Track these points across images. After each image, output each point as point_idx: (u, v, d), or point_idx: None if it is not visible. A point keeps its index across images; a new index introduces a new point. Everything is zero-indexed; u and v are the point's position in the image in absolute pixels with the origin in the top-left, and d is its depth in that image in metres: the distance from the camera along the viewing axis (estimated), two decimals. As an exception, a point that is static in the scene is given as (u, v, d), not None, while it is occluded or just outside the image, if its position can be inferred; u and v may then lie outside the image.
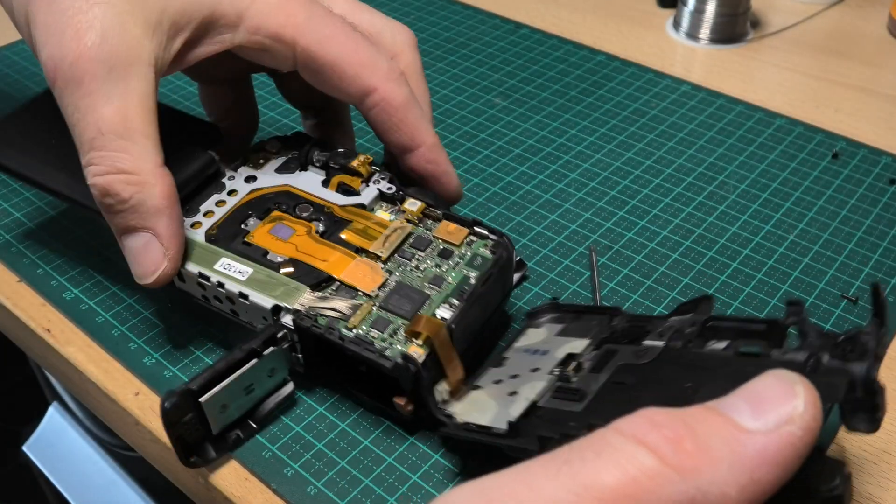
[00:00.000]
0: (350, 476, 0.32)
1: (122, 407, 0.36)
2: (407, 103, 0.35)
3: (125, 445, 0.62)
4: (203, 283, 0.34)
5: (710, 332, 0.30)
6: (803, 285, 0.40)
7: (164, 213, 0.32)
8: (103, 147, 0.31)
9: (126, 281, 0.40)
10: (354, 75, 0.34)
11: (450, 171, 0.37)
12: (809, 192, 0.46)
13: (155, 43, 0.32)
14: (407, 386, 0.31)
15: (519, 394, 0.31)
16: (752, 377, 0.24)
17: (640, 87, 0.55)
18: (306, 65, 0.34)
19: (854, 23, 0.62)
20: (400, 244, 0.34)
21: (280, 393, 0.34)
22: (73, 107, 0.31)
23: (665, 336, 0.31)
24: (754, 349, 0.29)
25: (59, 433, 0.67)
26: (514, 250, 0.35)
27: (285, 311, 0.32)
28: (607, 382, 0.30)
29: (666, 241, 0.43)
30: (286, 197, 0.37)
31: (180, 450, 0.31)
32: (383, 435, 0.34)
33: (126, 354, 0.37)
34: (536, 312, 0.36)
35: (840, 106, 0.53)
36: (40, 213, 0.44)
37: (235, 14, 0.33)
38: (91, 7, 0.31)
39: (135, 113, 0.31)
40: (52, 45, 0.31)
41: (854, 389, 0.25)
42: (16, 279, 0.41)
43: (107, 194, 0.31)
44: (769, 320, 0.29)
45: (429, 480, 0.32)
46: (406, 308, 0.32)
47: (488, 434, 0.29)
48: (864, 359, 0.26)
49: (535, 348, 0.33)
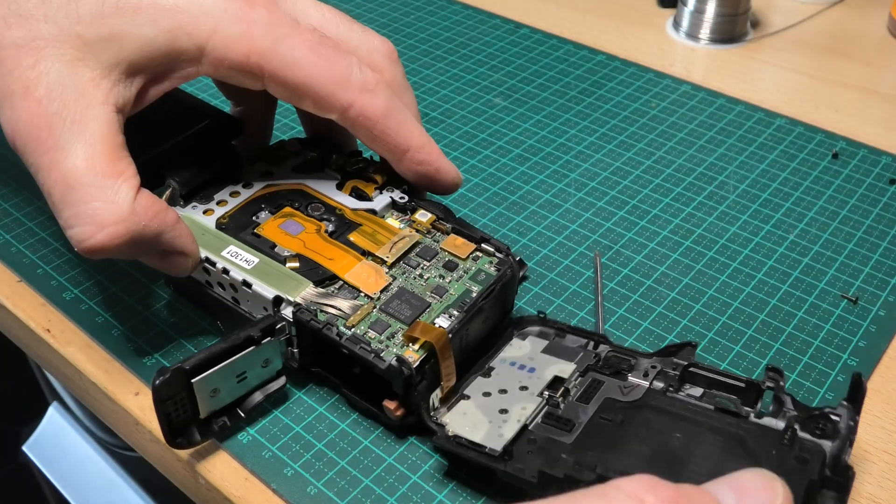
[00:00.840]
0: (350, 476, 0.32)
1: (122, 407, 0.36)
2: (386, 112, 0.34)
3: (125, 445, 0.62)
4: (208, 269, 0.34)
5: (689, 377, 0.33)
6: (803, 285, 0.40)
7: (164, 232, 0.32)
8: (76, 203, 0.30)
9: (126, 281, 0.40)
10: (328, 94, 0.33)
11: (443, 165, 0.36)
12: (809, 192, 0.46)
13: (112, 81, 0.31)
14: (399, 389, 0.31)
15: (510, 413, 0.31)
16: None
17: (640, 87, 0.55)
18: (276, 89, 0.34)
19: (854, 23, 0.62)
20: (406, 252, 0.35)
21: (271, 385, 0.34)
22: (37, 166, 0.30)
23: (649, 377, 0.33)
24: (730, 405, 0.31)
25: (59, 433, 0.67)
26: (520, 270, 0.35)
27: (286, 304, 0.33)
28: (594, 416, 0.31)
29: (666, 241, 0.43)
30: (299, 195, 0.37)
31: (167, 429, 0.31)
32: (383, 435, 0.34)
33: (126, 354, 0.37)
34: (522, 322, 0.36)
35: (840, 106, 0.53)
36: (40, 213, 0.44)
37: (196, 48, 0.32)
38: (37, 62, 0.30)
39: (100, 157, 0.30)
40: (5, 108, 0.30)
41: (826, 468, 0.27)
42: (16, 279, 0.41)
43: (99, 251, 0.30)
44: (748, 380, 0.31)
45: (429, 480, 0.32)
46: (406, 313, 0.32)
47: (481, 453, 0.30)
48: (835, 438, 0.29)
49: (522, 363, 0.34)
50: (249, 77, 0.33)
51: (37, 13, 0.30)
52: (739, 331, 0.38)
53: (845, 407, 0.29)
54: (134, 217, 0.30)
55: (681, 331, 0.38)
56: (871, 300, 0.39)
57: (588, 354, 0.34)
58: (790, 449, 0.29)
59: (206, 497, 0.34)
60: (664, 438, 0.30)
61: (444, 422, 0.31)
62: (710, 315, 0.39)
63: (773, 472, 0.24)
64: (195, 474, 0.33)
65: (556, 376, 0.33)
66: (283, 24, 0.33)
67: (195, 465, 0.33)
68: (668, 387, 0.32)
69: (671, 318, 0.38)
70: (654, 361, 0.33)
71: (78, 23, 0.31)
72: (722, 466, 0.28)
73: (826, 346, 0.37)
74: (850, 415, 0.29)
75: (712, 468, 0.28)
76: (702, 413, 0.31)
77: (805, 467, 0.28)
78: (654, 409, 0.31)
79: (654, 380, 0.33)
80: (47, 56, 0.30)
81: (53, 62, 0.30)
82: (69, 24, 0.30)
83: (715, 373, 0.32)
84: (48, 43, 0.30)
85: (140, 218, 0.31)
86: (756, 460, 0.28)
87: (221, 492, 0.32)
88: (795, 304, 0.39)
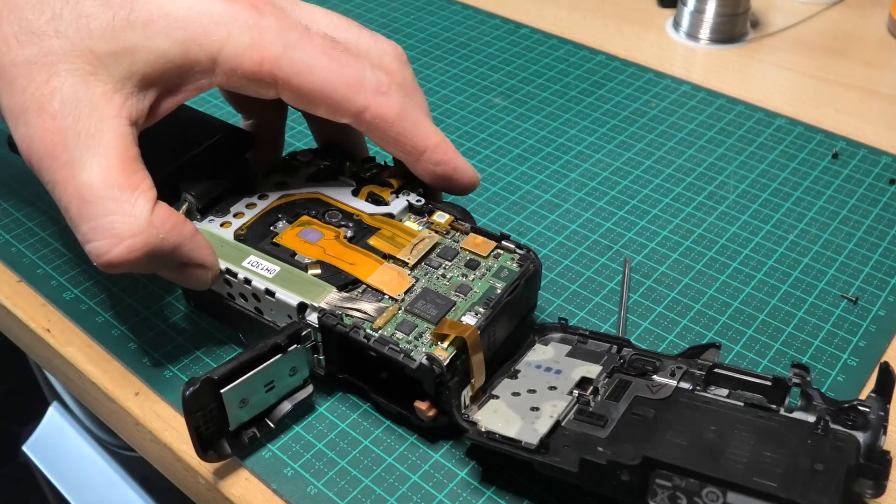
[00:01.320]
0: (350, 476, 0.32)
1: (122, 407, 0.36)
2: (401, 113, 0.34)
3: (125, 445, 0.62)
4: (229, 280, 0.34)
5: (714, 378, 0.33)
6: (803, 285, 0.40)
7: (183, 244, 0.32)
8: (93, 217, 0.30)
9: (126, 281, 0.40)
10: (343, 98, 0.33)
11: (460, 164, 0.36)
12: (809, 192, 0.46)
13: (125, 95, 0.31)
14: (430, 388, 0.31)
15: (541, 411, 0.31)
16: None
17: (640, 87, 0.55)
18: (290, 97, 0.33)
19: (854, 23, 0.62)
20: (427, 253, 0.35)
21: (299, 394, 0.33)
22: (53, 182, 0.30)
23: (676, 376, 0.33)
24: (760, 401, 0.31)
25: (59, 433, 0.67)
26: (541, 266, 0.35)
27: (311, 310, 0.32)
28: (627, 412, 0.31)
29: (666, 241, 0.43)
30: (316, 203, 0.37)
31: (197, 442, 0.31)
32: (383, 435, 0.34)
33: (126, 354, 0.37)
34: (543, 329, 0.36)
35: (840, 106, 0.53)
36: (40, 213, 0.44)
37: (208, 58, 0.32)
38: (50, 78, 0.30)
39: (115, 170, 0.30)
40: (20, 126, 0.30)
41: (862, 456, 0.28)
42: (16, 279, 0.41)
43: (118, 265, 0.30)
44: (774, 378, 0.31)
45: (429, 480, 0.32)
46: (432, 312, 0.32)
47: (517, 447, 0.30)
48: (866, 429, 0.29)
49: (548, 366, 0.34)
50: (263, 86, 0.33)
51: (48, 30, 0.30)
52: (739, 331, 0.38)
53: (874, 398, 0.29)
54: (152, 229, 0.30)
55: (681, 331, 0.38)
56: (871, 300, 0.39)
57: (612, 357, 0.34)
58: (825, 438, 0.29)
59: (206, 497, 0.34)
60: (698, 430, 0.29)
61: (475, 419, 0.31)
62: (710, 315, 0.39)
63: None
64: (195, 474, 0.33)
65: (584, 377, 0.33)
66: (293, 30, 0.33)
67: (195, 466, 0.33)
68: (695, 387, 0.32)
69: (671, 317, 0.38)
70: (679, 363, 0.33)
71: (90, 38, 0.30)
72: (759, 454, 0.28)
73: (826, 346, 0.37)
74: (881, 405, 0.29)
75: (749, 457, 0.28)
76: (733, 408, 0.31)
77: (842, 455, 0.28)
78: (685, 405, 0.31)
79: (680, 380, 0.32)
80: (60, 71, 0.30)
81: (66, 77, 0.30)
82: (80, 40, 0.30)
83: (740, 372, 0.32)
84: (60, 59, 0.30)
85: (158, 230, 0.31)
86: (791, 449, 0.28)
87: (221, 492, 0.32)
88: (795, 304, 0.39)
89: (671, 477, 0.27)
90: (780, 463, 0.27)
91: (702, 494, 0.27)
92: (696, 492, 0.27)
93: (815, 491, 0.26)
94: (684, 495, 0.27)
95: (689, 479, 0.27)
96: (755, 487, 0.26)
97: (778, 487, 0.26)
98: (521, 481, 0.32)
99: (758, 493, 0.26)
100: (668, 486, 0.27)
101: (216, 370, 0.30)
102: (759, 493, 0.26)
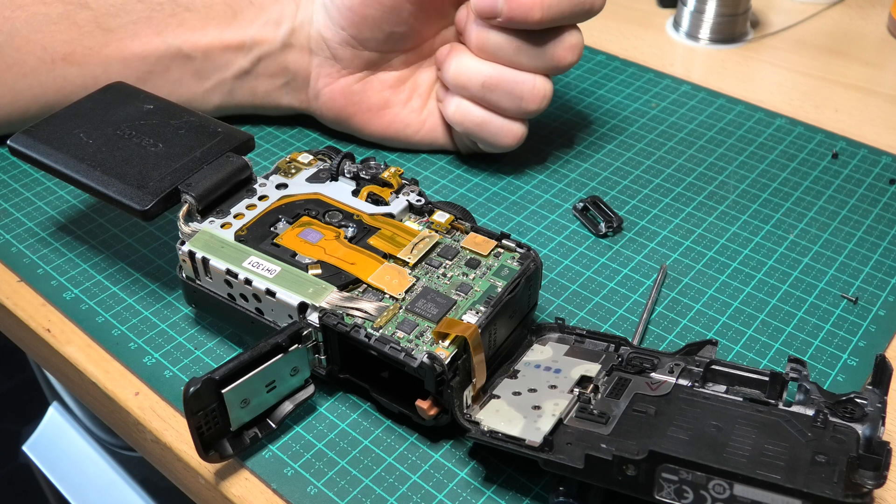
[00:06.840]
0: (350, 476, 0.32)
1: (122, 407, 0.36)
2: None
3: (125, 445, 0.62)
4: (230, 281, 0.34)
5: (712, 374, 0.33)
6: (803, 285, 0.40)
7: None
8: None
9: (126, 281, 0.40)
10: None
11: None
12: (809, 192, 0.46)
13: None
14: (431, 387, 0.31)
15: (543, 409, 0.31)
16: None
17: (640, 87, 0.55)
18: None
19: (854, 23, 0.62)
20: (427, 252, 0.35)
21: (300, 395, 0.33)
22: None
23: (674, 373, 0.33)
24: (759, 396, 0.32)
25: (59, 433, 0.67)
26: (541, 264, 0.35)
27: (312, 309, 0.33)
28: (628, 409, 0.31)
29: (666, 240, 0.43)
30: (316, 204, 0.37)
31: (199, 442, 0.31)
32: (383, 435, 0.34)
33: (126, 354, 0.37)
34: (541, 329, 0.36)
35: (840, 106, 0.53)
36: (40, 213, 0.44)
37: None
38: None
39: None
40: None
41: (862, 447, 0.28)
42: (16, 279, 0.41)
43: None
44: (771, 373, 0.32)
45: (428, 480, 0.32)
46: (433, 311, 0.32)
47: (521, 445, 0.30)
48: (864, 421, 0.29)
49: (547, 365, 0.34)
50: None
51: None
52: (739, 330, 0.38)
53: (871, 391, 0.30)
54: None
55: (681, 330, 0.38)
56: (871, 300, 0.39)
57: (611, 356, 0.34)
58: (825, 430, 0.29)
59: (206, 497, 0.34)
60: (700, 425, 0.30)
61: (477, 419, 0.31)
62: (710, 315, 0.39)
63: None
64: (195, 474, 0.33)
65: (584, 375, 0.33)
66: None
67: (195, 465, 0.33)
68: (694, 383, 0.32)
69: (671, 317, 0.38)
70: (676, 360, 0.33)
71: None
72: (761, 448, 0.28)
73: (826, 345, 0.37)
74: (878, 397, 0.29)
75: (751, 450, 0.28)
76: (732, 403, 0.31)
77: (842, 446, 0.28)
78: (685, 402, 0.31)
79: (679, 377, 0.33)
80: None
81: None
82: None
83: (738, 368, 0.32)
84: None
85: None
86: (792, 442, 0.28)
87: (221, 492, 0.32)
88: (795, 304, 0.39)
89: (677, 471, 0.27)
90: (782, 455, 0.28)
91: (708, 487, 0.27)
92: (703, 485, 0.27)
93: (819, 481, 0.26)
94: (690, 489, 0.27)
95: (695, 472, 0.27)
96: (761, 479, 0.26)
97: (783, 478, 0.26)
98: (522, 481, 0.32)
99: (765, 483, 0.26)
100: (675, 480, 0.27)
101: (217, 370, 0.30)
102: (765, 485, 0.26)
